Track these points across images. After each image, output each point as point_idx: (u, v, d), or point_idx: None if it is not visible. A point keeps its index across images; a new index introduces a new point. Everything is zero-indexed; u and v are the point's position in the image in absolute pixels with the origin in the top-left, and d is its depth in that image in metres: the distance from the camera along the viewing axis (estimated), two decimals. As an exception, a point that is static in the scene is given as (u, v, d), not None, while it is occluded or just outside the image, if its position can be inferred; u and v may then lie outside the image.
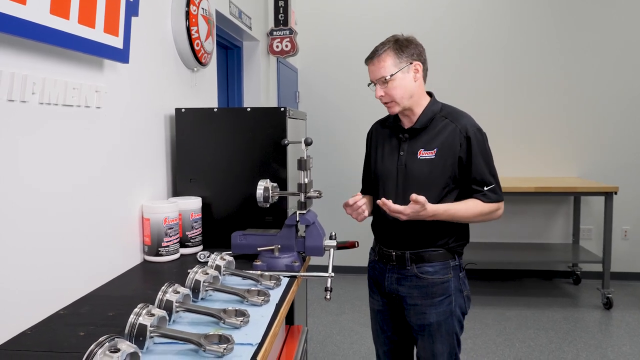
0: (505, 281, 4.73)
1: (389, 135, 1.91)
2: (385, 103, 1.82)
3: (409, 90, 1.78)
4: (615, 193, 4.00)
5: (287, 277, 1.64)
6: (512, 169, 4.66)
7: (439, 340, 1.84)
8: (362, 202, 1.81)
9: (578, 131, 4.67)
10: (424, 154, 1.79)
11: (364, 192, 2.05)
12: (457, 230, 1.85)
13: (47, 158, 1.36)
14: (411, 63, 1.78)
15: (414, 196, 1.66)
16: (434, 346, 1.84)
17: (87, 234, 1.54)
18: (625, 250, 4.67)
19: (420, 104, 1.83)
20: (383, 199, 1.73)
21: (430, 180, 1.78)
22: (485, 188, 1.78)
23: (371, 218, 1.98)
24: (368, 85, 1.86)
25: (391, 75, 1.75)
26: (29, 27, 1.19)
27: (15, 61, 1.23)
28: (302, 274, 1.71)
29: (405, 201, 1.74)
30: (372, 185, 1.96)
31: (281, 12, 4.09)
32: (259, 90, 3.85)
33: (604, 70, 4.60)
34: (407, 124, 1.86)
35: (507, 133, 4.67)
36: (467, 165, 1.78)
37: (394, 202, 1.78)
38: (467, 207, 1.77)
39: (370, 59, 1.81)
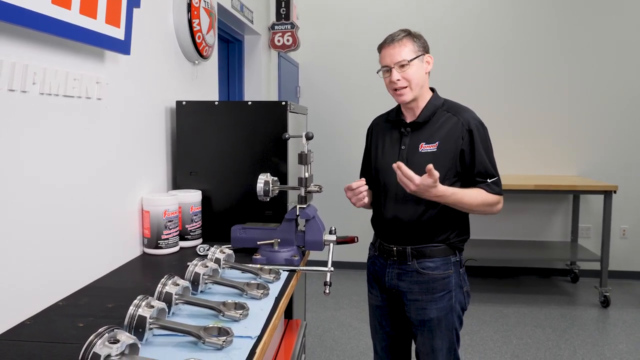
0: (504, 278, 4.74)
1: (390, 130, 1.91)
2: (398, 89, 1.78)
3: (422, 79, 1.79)
4: (615, 192, 4.00)
5: (287, 271, 1.64)
6: (512, 166, 4.66)
7: (438, 336, 1.84)
8: (364, 187, 1.80)
9: (578, 130, 4.67)
10: (426, 148, 1.79)
11: None
12: (458, 226, 1.85)
13: (47, 149, 1.35)
14: (424, 54, 1.80)
15: (430, 166, 1.61)
16: (434, 342, 1.85)
17: (86, 226, 1.53)
18: (623, 249, 4.68)
19: (424, 97, 1.83)
20: (398, 162, 1.68)
21: None
22: (489, 180, 1.78)
23: (371, 212, 1.98)
24: (377, 72, 1.83)
25: (411, 60, 1.76)
26: (31, 17, 1.19)
27: (16, 51, 1.22)
28: (301, 268, 1.71)
29: (405, 195, 1.75)
30: (371, 179, 1.95)
31: (283, 6, 4.07)
32: (260, 85, 3.84)
33: (604, 69, 4.59)
34: (409, 117, 1.86)
35: (507, 131, 4.67)
36: (470, 158, 1.78)
37: (395, 197, 1.78)
38: (472, 195, 1.76)
39: (390, 42, 1.79)
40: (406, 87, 1.77)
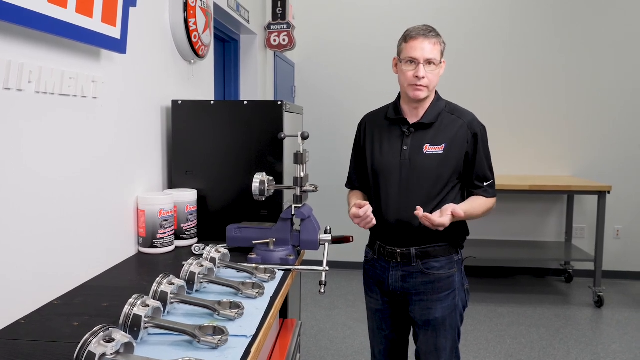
0: (498, 278, 4.75)
1: (388, 129, 1.87)
2: (419, 85, 1.75)
3: (437, 83, 1.80)
4: (609, 192, 4.02)
5: (282, 270, 1.65)
6: (506, 167, 4.67)
7: (442, 335, 1.85)
8: (370, 210, 1.75)
9: (573, 130, 4.69)
10: (431, 149, 1.78)
11: (351, 185, 2.03)
12: (459, 224, 1.85)
13: (42, 148, 1.35)
14: (443, 61, 1.81)
15: (452, 212, 1.65)
16: (437, 340, 1.85)
17: (81, 225, 1.53)
18: (617, 249, 4.70)
19: (430, 99, 1.83)
20: (421, 211, 1.66)
21: (438, 175, 1.78)
22: (485, 184, 1.83)
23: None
24: (400, 60, 1.79)
25: (440, 62, 1.77)
26: (27, 15, 1.18)
27: (12, 49, 1.22)
28: (296, 267, 1.72)
29: (408, 196, 1.76)
30: (365, 179, 1.93)
31: (279, 5, 4.08)
32: (255, 84, 3.84)
33: (600, 69, 4.61)
34: (412, 117, 1.83)
35: (503, 131, 4.68)
36: (472, 160, 1.81)
37: (397, 197, 1.78)
38: (479, 205, 1.81)
39: (426, 36, 1.73)
40: (427, 86, 1.76)
